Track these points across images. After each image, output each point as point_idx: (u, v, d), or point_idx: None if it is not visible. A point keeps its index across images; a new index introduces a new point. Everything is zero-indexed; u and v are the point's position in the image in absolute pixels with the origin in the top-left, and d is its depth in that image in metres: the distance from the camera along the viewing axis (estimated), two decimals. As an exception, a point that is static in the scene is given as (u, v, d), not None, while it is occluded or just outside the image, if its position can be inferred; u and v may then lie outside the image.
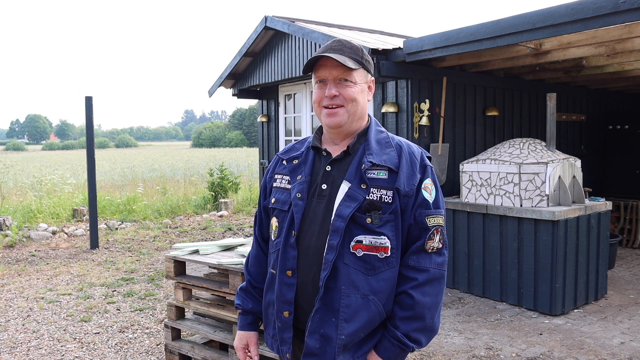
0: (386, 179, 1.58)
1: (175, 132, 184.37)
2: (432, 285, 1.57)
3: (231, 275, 3.17)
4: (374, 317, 1.56)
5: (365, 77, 1.67)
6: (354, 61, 1.61)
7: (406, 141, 1.70)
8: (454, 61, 5.62)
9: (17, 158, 36.72)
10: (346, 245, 1.55)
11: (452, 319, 4.66)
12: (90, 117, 7.82)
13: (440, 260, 1.60)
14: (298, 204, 1.63)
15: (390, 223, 1.56)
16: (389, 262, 1.57)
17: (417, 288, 1.55)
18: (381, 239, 1.55)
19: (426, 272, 1.57)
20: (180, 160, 29.17)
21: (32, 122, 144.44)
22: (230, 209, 11.30)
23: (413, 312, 1.55)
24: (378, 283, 1.55)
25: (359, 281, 1.54)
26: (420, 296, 1.55)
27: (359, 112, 1.65)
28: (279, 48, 7.09)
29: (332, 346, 1.55)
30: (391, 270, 1.57)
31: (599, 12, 3.76)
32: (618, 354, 3.86)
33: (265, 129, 8.16)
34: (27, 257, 7.34)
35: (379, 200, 1.56)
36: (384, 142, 1.66)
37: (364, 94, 1.66)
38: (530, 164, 4.85)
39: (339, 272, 1.55)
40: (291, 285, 1.62)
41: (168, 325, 3.65)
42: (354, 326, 1.54)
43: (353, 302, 1.54)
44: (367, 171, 1.58)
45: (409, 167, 1.61)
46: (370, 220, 1.54)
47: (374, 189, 1.57)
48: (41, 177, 13.53)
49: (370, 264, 1.55)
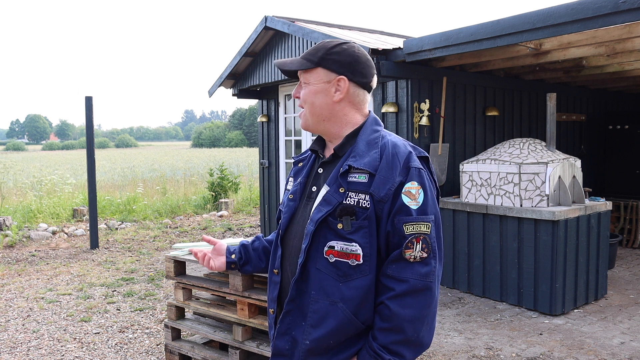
0: (365, 183, 1.49)
1: (175, 132, 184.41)
2: (414, 297, 1.46)
3: (231, 275, 3.17)
4: (343, 325, 1.49)
5: (327, 76, 1.57)
6: (307, 61, 1.57)
7: (396, 141, 1.58)
8: (454, 61, 5.62)
9: (17, 158, 36.73)
10: (320, 250, 1.51)
11: (452, 319, 4.66)
12: (90, 117, 7.82)
13: (425, 270, 1.47)
14: (289, 205, 1.64)
15: (364, 230, 1.48)
16: (362, 269, 1.49)
17: (394, 299, 1.46)
18: (352, 246, 1.48)
19: (405, 282, 1.46)
20: (180, 160, 29.18)
21: (32, 122, 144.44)
22: (230, 209, 11.31)
23: (391, 324, 1.46)
24: (349, 290, 1.49)
25: (330, 287, 1.50)
26: (398, 308, 1.45)
27: (321, 113, 1.59)
28: (279, 48, 7.09)
29: (298, 349, 1.53)
30: (364, 279, 1.49)
31: (599, 12, 3.76)
32: (618, 354, 3.86)
33: (265, 129, 8.16)
34: (27, 257, 7.34)
35: (356, 205, 1.48)
36: (372, 142, 1.56)
37: (323, 94, 1.57)
38: (530, 164, 4.85)
39: (311, 277, 1.52)
40: (276, 283, 1.63)
41: (168, 325, 3.65)
42: (320, 332, 1.50)
43: (321, 308, 1.50)
44: (347, 174, 1.52)
45: (386, 169, 1.50)
46: (341, 225, 1.48)
47: (352, 193, 1.49)
48: (41, 177, 13.53)
49: (342, 270, 1.49)
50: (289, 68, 1.61)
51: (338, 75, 1.56)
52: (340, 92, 1.57)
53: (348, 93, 1.58)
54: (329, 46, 1.58)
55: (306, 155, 1.75)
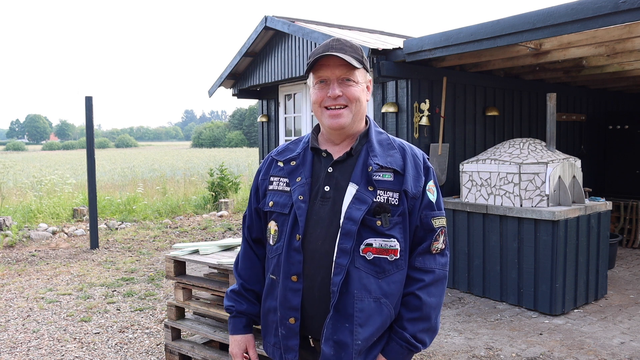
0: (392, 181, 1.57)
1: (175, 132, 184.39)
2: (436, 286, 1.59)
3: (231, 275, 3.17)
4: (385, 320, 1.56)
5: (365, 76, 1.65)
6: (356, 60, 1.58)
7: (407, 143, 1.70)
8: (454, 61, 5.62)
9: (17, 158, 36.73)
10: (356, 249, 1.53)
11: (452, 319, 4.66)
12: (90, 117, 7.82)
13: (444, 260, 1.62)
14: (301, 207, 1.58)
15: (399, 225, 1.56)
16: (398, 264, 1.57)
17: (424, 289, 1.56)
18: (391, 242, 1.54)
19: (432, 272, 1.58)
20: (180, 160, 29.17)
21: (32, 122, 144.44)
22: (230, 209, 11.31)
23: (420, 313, 1.56)
24: (389, 286, 1.55)
25: (371, 285, 1.52)
26: (427, 297, 1.56)
27: (361, 112, 1.63)
28: (279, 48, 7.09)
29: (347, 352, 1.51)
30: (400, 273, 1.57)
31: (599, 12, 3.76)
32: (618, 354, 3.86)
33: (265, 129, 8.16)
34: (27, 257, 7.34)
35: (386, 203, 1.55)
36: (385, 143, 1.65)
37: (365, 93, 1.64)
38: (530, 164, 4.85)
39: (351, 276, 1.52)
40: (297, 290, 1.56)
41: (168, 325, 3.65)
42: (369, 331, 1.52)
43: (366, 306, 1.52)
44: (374, 173, 1.56)
45: (414, 169, 1.61)
46: (380, 222, 1.53)
47: (380, 191, 1.55)
48: (41, 177, 13.53)
49: (381, 266, 1.54)
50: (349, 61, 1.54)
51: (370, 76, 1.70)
52: (370, 93, 1.68)
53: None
54: (358, 46, 1.64)
55: (296, 154, 1.69)
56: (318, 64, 1.58)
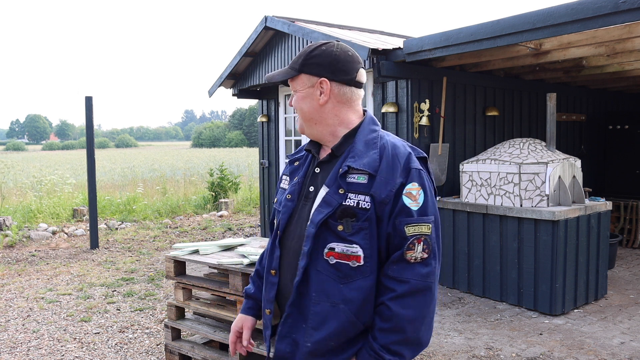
0: (365, 184, 1.49)
1: (175, 132, 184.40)
2: (414, 298, 1.47)
3: (231, 276, 3.17)
4: (344, 327, 1.50)
5: (309, 80, 1.58)
6: (291, 70, 1.60)
7: (395, 141, 1.59)
8: (454, 61, 5.62)
9: (17, 158, 36.73)
10: (320, 252, 1.51)
11: (452, 319, 4.66)
12: (90, 117, 7.82)
13: (425, 271, 1.48)
14: (287, 205, 1.63)
15: (364, 231, 1.48)
16: (362, 271, 1.49)
17: (395, 300, 1.46)
18: (353, 247, 1.48)
19: (406, 283, 1.46)
20: (180, 160, 29.17)
21: (32, 122, 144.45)
22: (230, 209, 11.31)
23: (391, 324, 1.46)
24: (350, 292, 1.49)
25: (331, 289, 1.49)
26: (399, 308, 1.45)
27: (311, 118, 1.61)
28: (279, 48, 7.09)
29: (300, 352, 1.53)
30: (364, 280, 1.50)
31: (599, 12, 3.76)
32: (618, 354, 3.86)
33: (265, 129, 8.16)
34: (27, 257, 7.34)
35: (355, 206, 1.48)
36: (371, 142, 1.56)
37: (309, 99, 1.59)
38: (530, 164, 4.85)
39: (311, 279, 1.52)
40: (273, 284, 1.62)
41: (168, 325, 3.65)
42: (321, 334, 1.50)
43: (322, 309, 1.50)
44: (346, 175, 1.51)
45: (388, 170, 1.50)
46: (342, 227, 1.48)
47: (351, 194, 1.49)
48: (41, 177, 13.53)
49: (343, 272, 1.49)
50: (276, 80, 1.64)
51: (319, 78, 1.57)
52: (325, 94, 1.57)
53: (333, 94, 1.58)
54: (308, 50, 1.59)
55: (302, 155, 1.74)
56: None
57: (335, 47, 1.59)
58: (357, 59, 1.61)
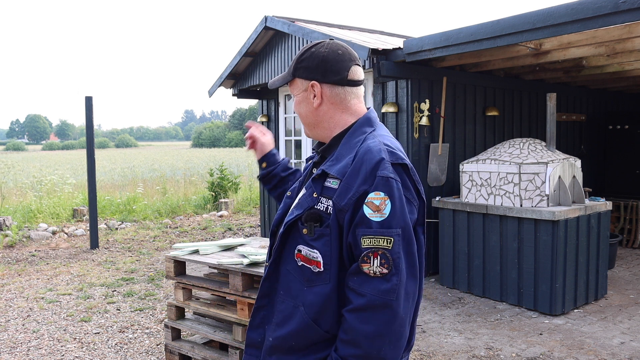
0: (335, 189, 1.44)
1: (175, 132, 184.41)
2: (372, 313, 1.36)
3: (231, 275, 3.17)
4: (302, 329, 1.47)
5: (302, 84, 1.57)
6: (287, 75, 1.61)
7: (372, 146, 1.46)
8: (454, 61, 5.62)
9: (17, 158, 36.74)
10: (292, 252, 1.52)
11: (452, 319, 4.66)
12: (90, 117, 7.82)
13: (385, 287, 1.36)
14: (285, 202, 1.67)
15: (325, 237, 1.44)
16: (322, 277, 1.46)
17: (352, 312, 1.39)
18: (314, 253, 1.46)
19: (363, 297, 1.37)
20: (180, 160, 29.18)
21: (32, 122, 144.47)
22: (230, 209, 11.31)
23: (349, 336, 1.39)
24: (311, 296, 1.47)
25: (295, 290, 1.51)
26: (356, 322, 1.37)
27: (309, 122, 1.62)
28: (279, 48, 7.09)
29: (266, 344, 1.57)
30: (324, 286, 1.46)
31: (599, 12, 3.76)
32: (618, 354, 3.86)
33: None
34: (27, 257, 7.34)
35: (324, 211, 1.45)
36: (353, 146, 1.49)
37: (305, 102, 1.59)
38: (530, 164, 4.85)
39: (281, 277, 1.54)
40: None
41: (168, 325, 3.65)
42: (282, 332, 1.51)
43: (286, 308, 1.52)
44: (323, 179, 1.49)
45: (353, 176, 1.42)
46: (306, 231, 1.47)
47: (323, 199, 1.46)
48: (41, 177, 13.53)
49: (307, 275, 1.48)
50: (277, 86, 1.68)
51: (310, 81, 1.55)
52: (317, 97, 1.55)
53: (325, 96, 1.55)
54: (300, 54, 1.58)
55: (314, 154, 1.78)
56: None
57: (325, 47, 1.55)
58: (348, 57, 1.55)
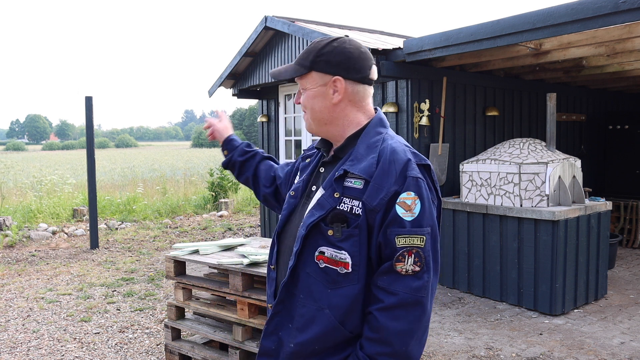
0: (360, 189, 1.43)
1: (175, 132, 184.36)
2: (403, 311, 1.40)
3: (231, 276, 3.17)
4: (328, 332, 1.46)
5: (321, 78, 1.52)
6: (300, 67, 1.54)
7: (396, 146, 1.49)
8: (454, 61, 5.62)
9: (17, 158, 36.73)
10: (311, 254, 1.48)
11: (452, 319, 4.66)
12: (90, 117, 7.82)
13: (417, 284, 1.40)
14: (289, 202, 1.62)
15: (354, 238, 1.43)
16: (350, 278, 1.45)
17: (383, 311, 1.40)
18: (341, 254, 1.44)
19: (395, 295, 1.40)
20: (180, 160, 29.18)
21: (32, 122, 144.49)
22: (230, 209, 11.30)
23: (378, 335, 1.40)
24: (337, 298, 1.45)
25: (318, 292, 1.47)
26: (386, 320, 1.39)
27: (322, 117, 1.55)
28: (279, 48, 7.09)
29: (284, 351, 1.52)
30: (352, 287, 1.45)
31: (599, 12, 3.76)
32: (618, 354, 3.86)
33: (265, 129, 8.16)
34: (27, 257, 7.34)
35: (349, 212, 1.43)
36: (372, 146, 1.49)
37: (321, 97, 1.53)
38: (530, 164, 4.85)
39: (300, 280, 1.50)
40: (273, 279, 1.62)
41: (168, 325, 3.65)
42: (305, 337, 1.48)
43: (307, 312, 1.47)
44: (343, 179, 1.47)
45: (381, 176, 1.43)
46: (332, 232, 1.44)
47: (346, 199, 1.44)
48: (41, 177, 13.52)
49: (331, 277, 1.46)
50: (283, 78, 1.59)
51: (333, 76, 1.51)
52: (339, 93, 1.52)
53: (347, 92, 1.52)
54: (319, 47, 1.53)
55: (314, 152, 1.72)
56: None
57: (347, 43, 1.53)
58: (369, 56, 1.55)
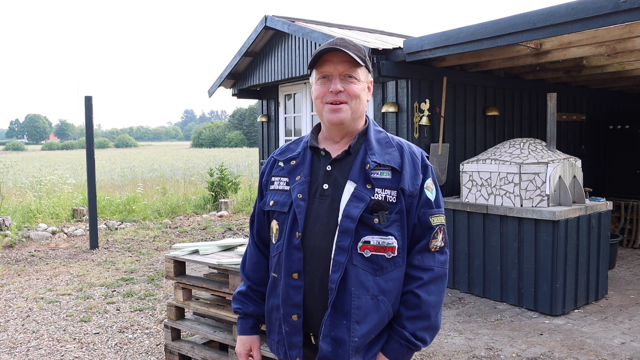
0: (390, 179, 1.58)
1: (175, 132, 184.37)
2: (436, 284, 1.60)
3: (231, 276, 3.17)
4: (383, 318, 1.57)
5: (367, 76, 1.66)
6: (358, 58, 1.60)
7: (405, 141, 1.71)
8: (454, 61, 5.61)
9: (17, 158, 36.71)
10: (354, 246, 1.54)
11: (453, 319, 4.65)
12: (90, 117, 7.81)
13: (443, 258, 1.63)
14: (300, 205, 1.60)
15: (397, 223, 1.57)
16: (396, 262, 1.58)
17: (422, 287, 1.58)
18: (388, 239, 1.56)
19: (430, 270, 1.59)
20: (180, 160, 29.17)
21: (32, 122, 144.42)
22: (230, 209, 11.30)
23: (419, 311, 1.57)
24: (386, 283, 1.56)
25: (368, 282, 1.54)
26: (425, 295, 1.57)
27: (360, 110, 1.65)
28: (279, 48, 7.08)
29: (344, 349, 1.53)
30: (398, 270, 1.58)
31: (599, 11, 3.76)
32: (618, 354, 3.86)
33: (265, 129, 8.16)
34: (27, 257, 7.33)
35: (384, 200, 1.56)
36: (384, 142, 1.66)
37: (366, 92, 1.66)
38: (530, 164, 4.84)
39: (348, 274, 1.53)
40: (298, 287, 1.58)
41: (168, 326, 3.64)
42: (366, 327, 1.54)
43: (363, 303, 1.53)
44: (372, 171, 1.58)
45: (411, 167, 1.62)
46: (377, 220, 1.55)
47: (378, 189, 1.57)
48: (41, 177, 13.52)
49: (378, 264, 1.56)
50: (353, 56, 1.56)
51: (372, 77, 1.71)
52: (370, 93, 1.70)
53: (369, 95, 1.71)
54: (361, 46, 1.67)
55: (297, 154, 1.71)
56: (322, 60, 1.60)
57: None
58: None
